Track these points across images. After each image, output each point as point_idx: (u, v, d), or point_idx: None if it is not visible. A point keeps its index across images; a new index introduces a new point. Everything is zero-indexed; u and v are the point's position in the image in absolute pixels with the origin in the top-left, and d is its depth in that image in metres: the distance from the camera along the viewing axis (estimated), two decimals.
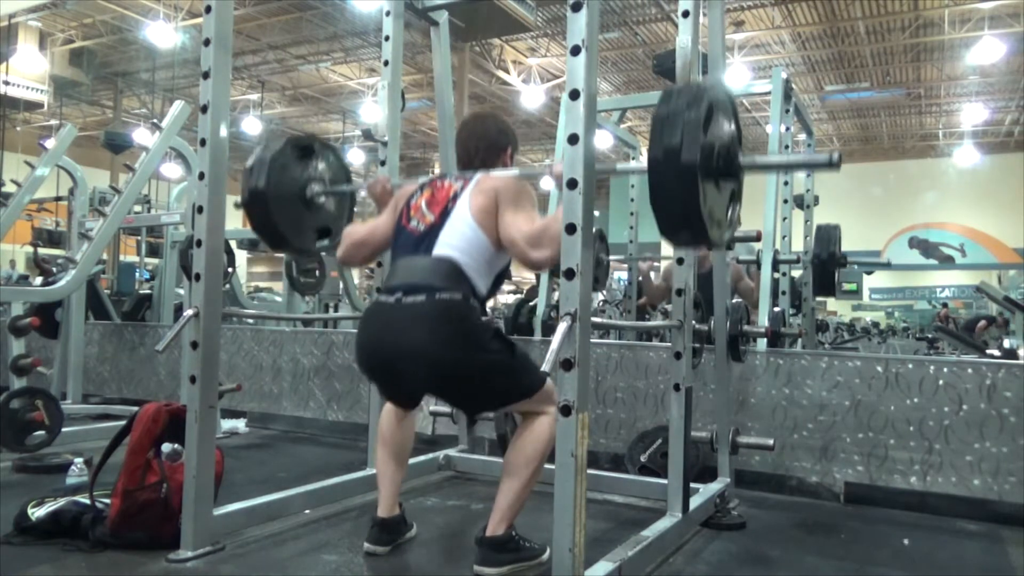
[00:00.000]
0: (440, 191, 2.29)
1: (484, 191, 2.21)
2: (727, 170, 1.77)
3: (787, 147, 4.37)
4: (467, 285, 2.13)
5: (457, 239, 2.16)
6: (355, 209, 2.91)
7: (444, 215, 2.21)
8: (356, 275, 11.89)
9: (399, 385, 2.27)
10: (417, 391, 2.33)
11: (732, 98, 1.87)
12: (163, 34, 12.83)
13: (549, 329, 4.33)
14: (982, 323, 10.52)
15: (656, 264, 5.16)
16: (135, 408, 2.46)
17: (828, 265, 4.60)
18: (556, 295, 4.72)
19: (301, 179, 2.60)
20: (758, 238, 3.84)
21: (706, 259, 3.65)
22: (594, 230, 1.76)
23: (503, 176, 2.28)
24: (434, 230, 2.20)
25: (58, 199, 7.27)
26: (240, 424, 4.49)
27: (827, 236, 4.63)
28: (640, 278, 5.17)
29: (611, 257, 4.35)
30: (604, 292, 8.80)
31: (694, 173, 1.63)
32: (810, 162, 1.80)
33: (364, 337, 2.24)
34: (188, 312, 2.20)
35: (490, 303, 2.43)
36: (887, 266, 5.26)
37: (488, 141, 2.40)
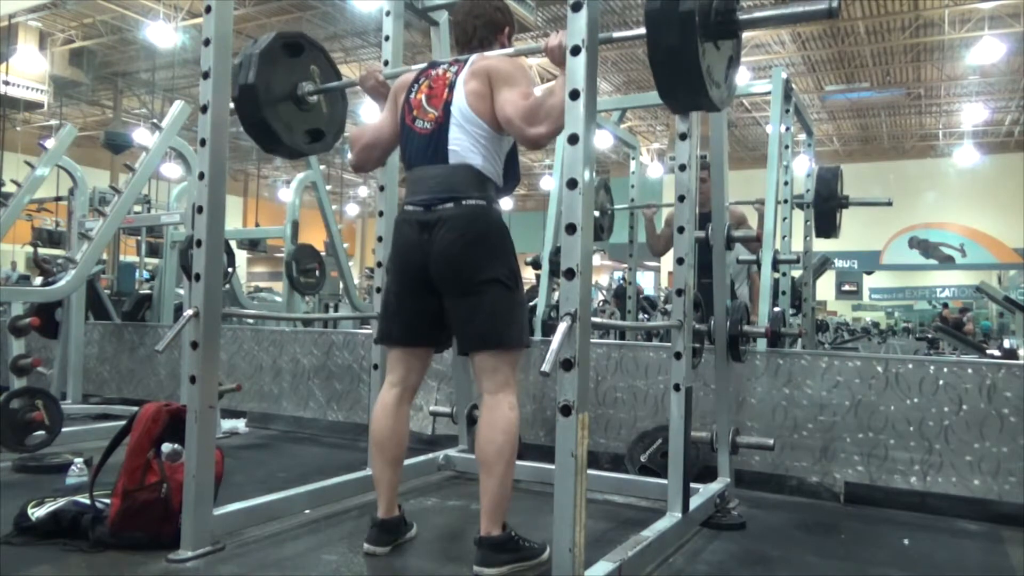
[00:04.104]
0: (437, 81, 2.29)
1: (477, 73, 2.22)
2: (726, 27, 1.73)
3: (787, 147, 4.36)
4: (489, 187, 2.23)
5: (464, 138, 2.20)
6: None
7: (446, 109, 2.22)
8: (356, 275, 11.89)
9: (422, 296, 2.27)
10: (433, 309, 2.28)
11: None
12: (163, 34, 12.81)
13: (549, 329, 4.33)
14: (968, 326, 10.71)
15: (655, 205, 5.11)
16: (135, 408, 2.46)
17: (830, 204, 4.65)
18: (556, 295, 4.73)
19: (291, 77, 2.59)
20: (758, 238, 3.86)
21: (707, 198, 3.14)
22: (598, 180, 1.77)
23: (497, 56, 2.27)
24: (441, 130, 2.22)
25: (58, 199, 7.26)
26: (240, 424, 4.49)
27: (828, 177, 4.70)
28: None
29: (610, 261, 4.37)
30: (604, 292, 8.83)
31: (692, 21, 1.60)
32: (808, 11, 1.80)
33: (400, 241, 2.29)
34: (188, 312, 2.20)
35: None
36: (888, 203, 5.41)
37: (486, 18, 2.39)
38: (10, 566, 2.10)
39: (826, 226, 4.88)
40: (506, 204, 21.47)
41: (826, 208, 4.78)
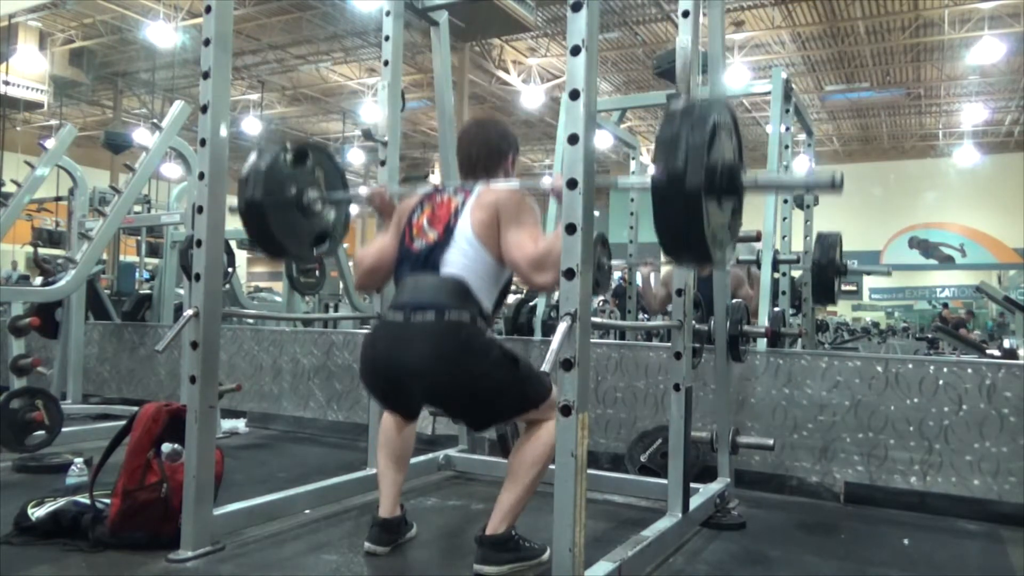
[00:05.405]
0: (441, 207, 2.27)
1: (485, 206, 2.20)
2: (730, 189, 1.78)
3: (787, 147, 4.37)
4: (474, 305, 2.14)
5: (461, 257, 2.16)
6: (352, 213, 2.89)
7: (447, 232, 2.20)
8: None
9: (403, 400, 2.30)
10: (419, 406, 2.37)
11: (735, 114, 1.87)
12: (163, 34, 12.84)
13: (549, 329, 4.33)
14: (962, 331, 10.71)
15: (653, 263, 5.13)
16: (135, 408, 2.45)
17: (828, 272, 4.60)
18: (556, 295, 4.72)
19: (297, 186, 2.60)
20: (758, 238, 3.86)
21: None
22: (595, 234, 1.76)
23: (504, 189, 2.26)
24: (438, 247, 2.19)
25: (58, 199, 7.28)
26: (240, 424, 4.49)
27: (827, 243, 4.62)
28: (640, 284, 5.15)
29: (611, 261, 4.35)
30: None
31: (698, 198, 1.64)
32: (812, 183, 1.82)
33: (372, 353, 2.23)
34: (188, 312, 2.20)
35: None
36: (887, 272, 5.36)
37: (489, 147, 2.38)
38: (10, 566, 2.10)
39: (824, 293, 4.74)
40: None
41: (824, 276, 4.68)
